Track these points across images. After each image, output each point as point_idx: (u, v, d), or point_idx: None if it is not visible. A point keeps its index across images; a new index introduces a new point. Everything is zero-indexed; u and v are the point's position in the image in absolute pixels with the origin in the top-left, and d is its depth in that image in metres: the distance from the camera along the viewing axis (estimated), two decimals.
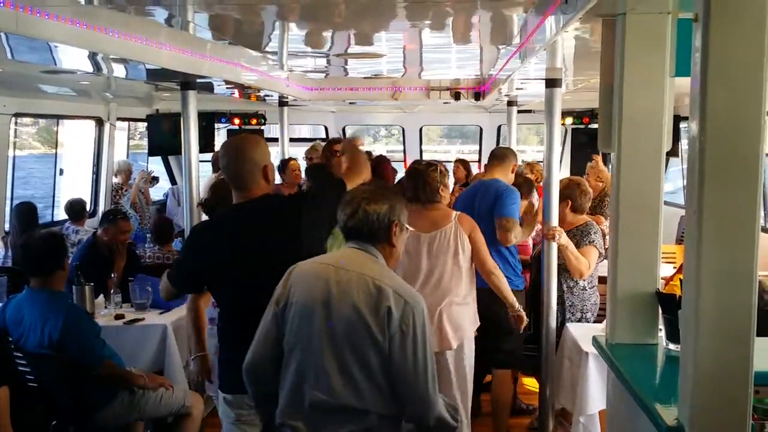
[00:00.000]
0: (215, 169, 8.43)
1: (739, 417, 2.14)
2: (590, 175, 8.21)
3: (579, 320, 4.79)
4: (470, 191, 5.40)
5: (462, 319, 4.40)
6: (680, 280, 3.47)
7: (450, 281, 4.37)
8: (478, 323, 4.54)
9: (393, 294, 2.49)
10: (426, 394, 2.51)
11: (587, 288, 4.84)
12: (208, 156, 10.02)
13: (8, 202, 7.45)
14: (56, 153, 9.10)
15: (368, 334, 2.47)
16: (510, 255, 4.98)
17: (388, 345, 2.46)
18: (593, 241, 4.74)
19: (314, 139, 10.29)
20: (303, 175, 7.09)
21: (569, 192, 4.89)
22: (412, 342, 2.46)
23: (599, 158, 7.88)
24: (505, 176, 5.37)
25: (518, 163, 5.74)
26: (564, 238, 4.64)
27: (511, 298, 4.46)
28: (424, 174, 4.50)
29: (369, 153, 6.74)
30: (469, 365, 4.50)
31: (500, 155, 5.48)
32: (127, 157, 10.07)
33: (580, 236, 4.76)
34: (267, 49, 5.50)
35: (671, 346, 2.84)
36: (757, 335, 2.19)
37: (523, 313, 4.49)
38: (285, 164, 7.37)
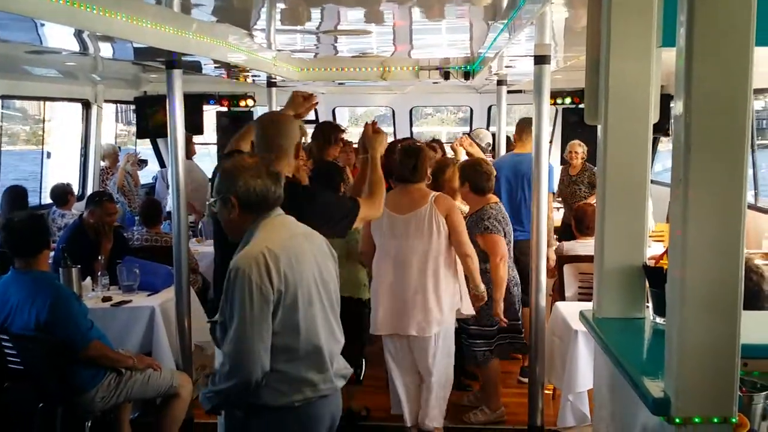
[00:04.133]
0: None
1: (727, 389, 2.14)
2: (578, 152, 8.21)
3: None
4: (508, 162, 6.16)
5: (438, 304, 4.40)
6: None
7: (425, 264, 4.37)
8: (468, 308, 4.58)
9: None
10: None
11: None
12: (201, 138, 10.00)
13: None
14: (43, 136, 9.03)
15: (337, 282, 2.89)
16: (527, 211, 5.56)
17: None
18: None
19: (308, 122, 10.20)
20: None
21: (467, 172, 4.95)
22: None
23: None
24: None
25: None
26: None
27: (478, 280, 4.55)
28: (422, 153, 4.54)
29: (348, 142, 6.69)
30: (442, 353, 4.52)
31: (524, 128, 6.20)
32: (116, 139, 10.00)
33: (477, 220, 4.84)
34: (255, 27, 5.44)
35: (658, 320, 2.84)
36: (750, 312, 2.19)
37: (484, 293, 4.59)
38: None
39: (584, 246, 5.49)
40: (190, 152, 8.00)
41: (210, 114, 10.47)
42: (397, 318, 4.42)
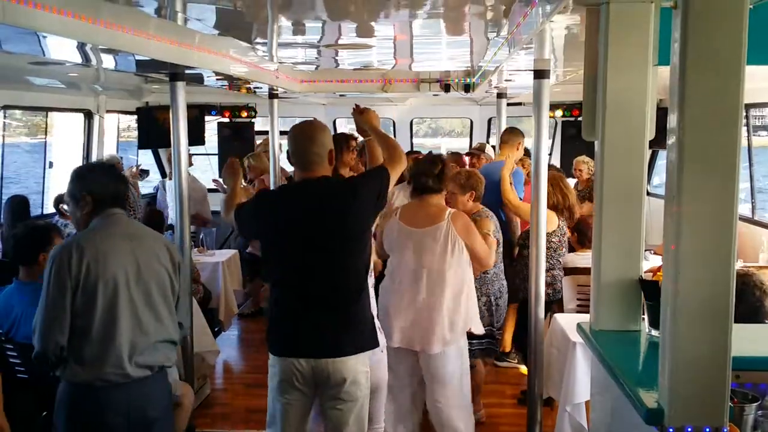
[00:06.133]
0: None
1: (718, 400, 2.18)
2: (585, 171, 8.27)
3: (485, 304, 4.95)
4: (484, 171, 6.11)
5: (453, 322, 4.37)
6: None
7: (449, 283, 4.32)
8: (478, 327, 4.57)
9: (174, 247, 3.37)
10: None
11: (488, 271, 4.98)
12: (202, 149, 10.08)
13: None
14: (45, 145, 9.07)
15: (171, 281, 3.23)
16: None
17: (178, 286, 3.28)
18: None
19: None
20: None
21: (473, 183, 5.01)
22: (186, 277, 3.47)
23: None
24: (512, 155, 6.43)
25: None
26: None
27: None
28: (442, 161, 4.54)
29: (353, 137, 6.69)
30: (454, 372, 4.47)
31: (505, 138, 6.70)
32: (117, 150, 10.05)
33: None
34: (257, 40, 5.50)
35: (653, 332, 2.88)
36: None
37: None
38: None
39: (584, 258, 5.53)
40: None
41: (211, 125, 10.54)
42: (410, 332, 4.34)
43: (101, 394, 3.08)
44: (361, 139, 4.38)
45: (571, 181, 8.31)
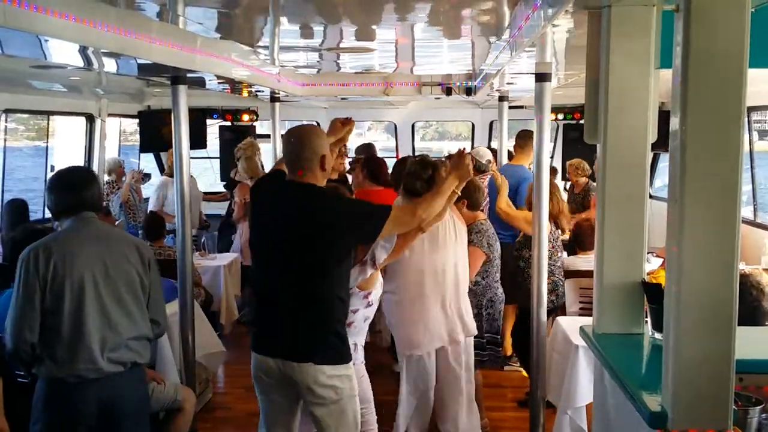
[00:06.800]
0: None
1: (722, 403, 2.17)
2: (571, 173, 8.29)
3: (476, 315, 4.87)
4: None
5: (467, 309, 4.53)
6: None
7: (462, 270, 4.46)
8: None
9: (146, 247, 3.47)
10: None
11: (480, 282, 4.97)
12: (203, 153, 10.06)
13: None
14: (47, 149, 9.08)
15: (141, 280, 3.34)
16: None
17: (148, 283, 3.38)
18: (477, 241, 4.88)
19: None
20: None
21: (466, 190, 4.96)
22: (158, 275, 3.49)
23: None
24: (528, 159, 6.43)
25: None
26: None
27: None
28: (437, 166, 4.51)
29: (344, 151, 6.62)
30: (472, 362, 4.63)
31: (522, 143, 6.70)
32: (119, 153, 10.05)
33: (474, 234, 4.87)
34: (258, 43, 5.50)
35: (656, 335, 2.87)
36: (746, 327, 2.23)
37: None
38: None
39: (585, 261, 5.53)
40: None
41: (212, 128, 10.54)
42: (437, 330, 4.39)
43: (75, 389, 3.18)
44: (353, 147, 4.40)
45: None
